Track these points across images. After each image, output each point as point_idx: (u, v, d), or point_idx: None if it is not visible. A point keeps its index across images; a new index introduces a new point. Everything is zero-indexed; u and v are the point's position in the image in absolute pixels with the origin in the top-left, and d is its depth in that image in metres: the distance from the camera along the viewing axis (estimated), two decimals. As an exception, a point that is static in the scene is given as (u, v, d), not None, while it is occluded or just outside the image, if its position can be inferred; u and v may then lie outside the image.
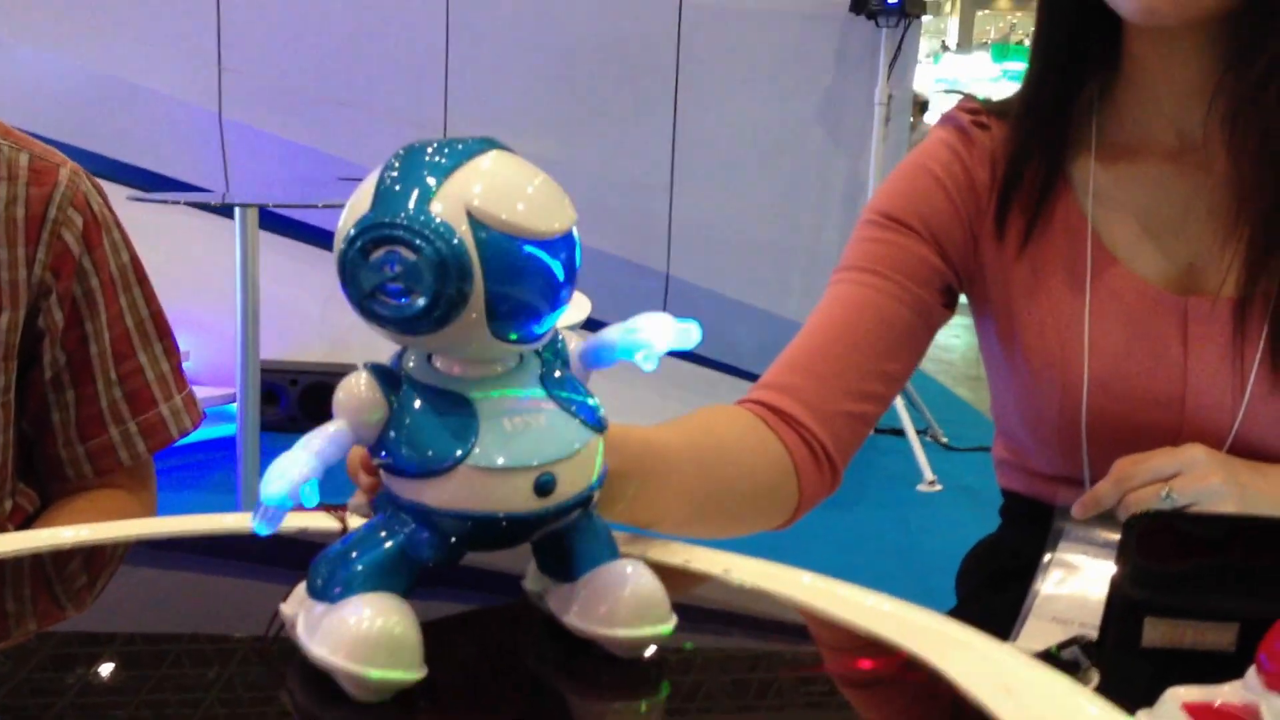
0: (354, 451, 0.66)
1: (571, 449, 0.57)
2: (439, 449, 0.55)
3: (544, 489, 0.56)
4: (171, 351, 1.22)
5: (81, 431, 1.16)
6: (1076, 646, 0.84)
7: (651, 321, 0.61)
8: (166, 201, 3.22)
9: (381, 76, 4.81)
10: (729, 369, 4.98)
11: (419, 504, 0.56)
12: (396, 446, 0.56)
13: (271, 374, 4.48)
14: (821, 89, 4.84)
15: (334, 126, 4.79)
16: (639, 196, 4.84)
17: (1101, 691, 0.59)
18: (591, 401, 0.59)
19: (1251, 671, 0.59)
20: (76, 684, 0.60)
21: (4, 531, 0.98)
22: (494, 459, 0.55)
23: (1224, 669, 0.62)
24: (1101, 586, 0.91)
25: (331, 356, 4.77)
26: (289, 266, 4.63)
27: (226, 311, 3.24)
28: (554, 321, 0.56)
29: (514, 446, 0.55)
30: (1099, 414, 1.03)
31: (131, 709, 0.57)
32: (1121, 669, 0.77)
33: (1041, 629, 0.94)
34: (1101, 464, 0.99)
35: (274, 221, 4.56)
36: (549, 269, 0.53)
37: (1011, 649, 0.65)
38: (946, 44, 19.90)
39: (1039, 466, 1.12)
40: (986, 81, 17.40)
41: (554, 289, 0.54)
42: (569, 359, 0.62)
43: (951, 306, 1.13)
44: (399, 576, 0.56)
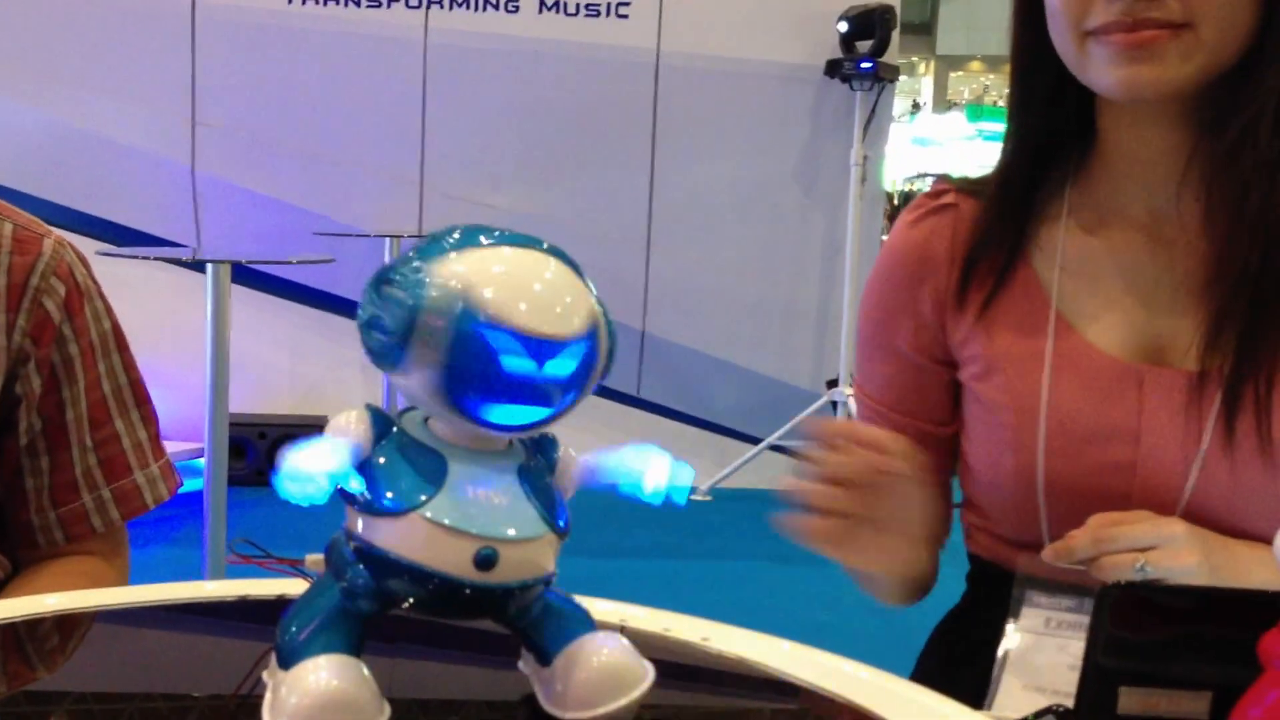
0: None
1: (522, 533, 0.58)
2: (399, 492, 0.57)
3: (484, 563, 0.56)
4: (149, 419, 1.21)
5: (55, 497, 1.15)
6: (1052, 715, 0.83)
7: (648, 462, 0.63)
8: (138, 257, 3.21)
9: (357, 131, 4.83)
10: (705, 424, 4.98)
11: (369, 543, 0.57)
12: (366, 480, 0.57)
13: (240, 427, 4.44)
14: (798, 149, 4.90)
15: (308, 181, 4.80)
16: (616, 253, 4.86)
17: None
18: (560, 507, 0.61)
19: None
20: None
21: None
22: (445, 516, 0.56)
23: (1198, 738, 0.61)
24: (1067, 654, 0.92)
25: (301, 409, 4.75)
26: (259, 319, 4.62)
27: (195, 365, 3.22)
28: (529, 418, 0.56)
29: (467, 511, 0.57)
30: (1054, 478, 1.04)
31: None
32: (1097, 738, 0.77)
33: (1013, 697, 0.94)
34: (1059, 527, 1.00)
35: (246, 275, 4.54)
36: (519, 362, 0.54)
37: (988, 718, 0.64)
38: (919, 103, 20.16)
39: (1001, 530, 1.12)
40: (961, 140, 17.61)
41: (524, 385, 0.55)
42: (556, 467, 0.63)
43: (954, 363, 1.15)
44: (344, 633, 0.57)
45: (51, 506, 1.15)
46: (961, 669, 1.09)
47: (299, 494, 0.55)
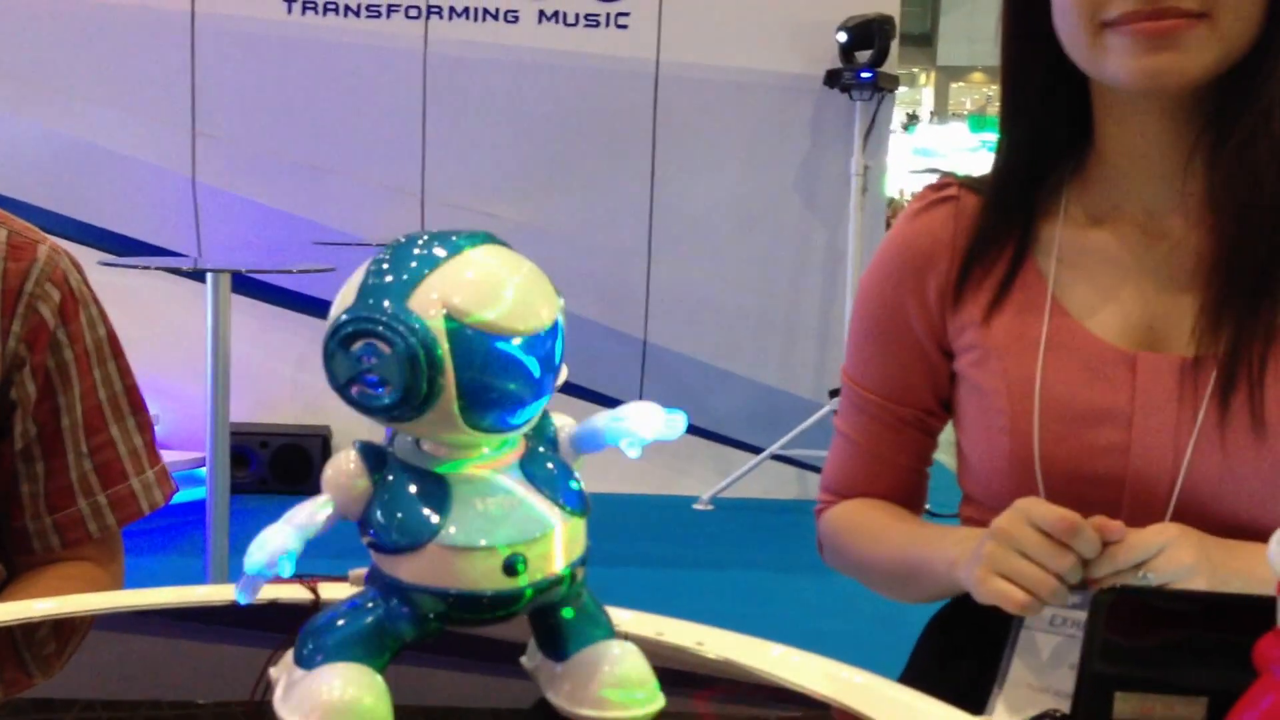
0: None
1: (540, 531, 0.58)
2: (411, 526, 0.57)
3: (512, 569, 0.57)
4: (145, 426, 1.22)
5: (50, 503, 1.15)
6: (1047, 720, 0.84)
7: (638, 411, 0.62)
8: (138, 267, 3.22)
9: (358, 141, 4.84)
10: (707, 434, 4.97)
11: (396, 579, 0.57)
12: (376, 522, 0.58)
13: (242, 436, 4.44)
14: (798, 160, 4.90)
15: (309, 191, 4.81)
16: (617, 263, 4.86)
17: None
18: (574, 484, 0.60)
19: None
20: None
21: None
22: (462, 538, 0.56)
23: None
24: (1072, 653, 0.92)
25: (303, 419, 4.75)
26: (261, 329, 4.62)
27: (197, 375, 3.22)
28: (534, 412, 0.57)
29: (483, 526, 0.57)
30: (1049, 461, 1.05)
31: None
32: (1094, 743, 0.77)
33: (1018, 696, 0.94)
34: None
35: (247, 285, 4.56)
36: (524, 365, 0.55)
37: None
38: (916, 114, 20.17)
39: None
40: (965, 152, 17.62)
41: (529, 384, 0.56)
42: (558, 442, 0.63)
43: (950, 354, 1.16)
44: (375, 649, 0.58)
45: (47, 512, 1.15)
46: (955, 665, 1.11)
47: (259, 580, 0.55)
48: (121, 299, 1.27)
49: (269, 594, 0.75)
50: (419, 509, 0.57)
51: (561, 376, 0.58)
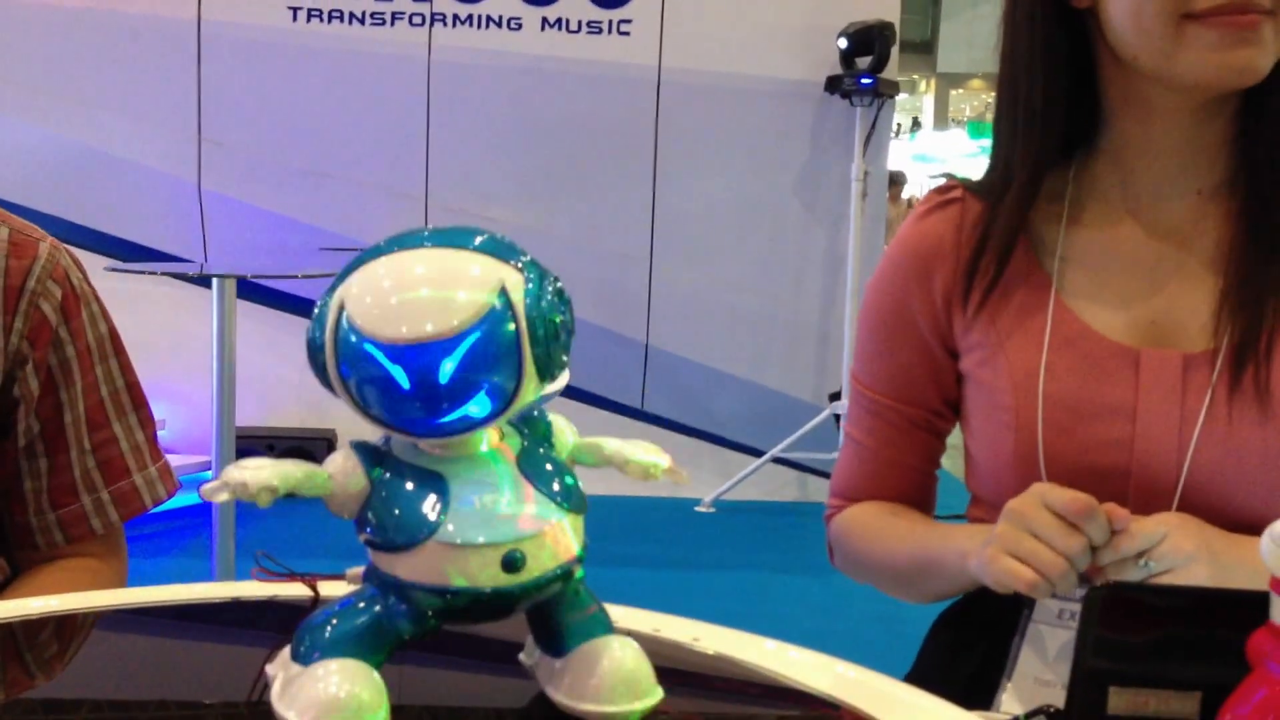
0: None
1: (539, 528, 0.58)
2: (409, 524, 0.57)
3: (511, 566, 0.57)
4: (147, 422, 1.22)
5: (53, 499, 1.16)
6: (1043, 716, 0.85)
7: (644, 455, 0.64)
8: (145, 273, 3.23)
9: (362, 147, 4.85)
10: (708, 436, 4.99)
11: (393, 577, 0.57)
12: (373, 520, 0.58)
13: (247, 439, 4.46)
14: (798, 164, 4.91)
15: (314, 197, 4.83)
16: (619, 267, 4.88)
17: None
18: (570, 481, 0.61)
19: None
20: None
21: None
22: (460, 535, 0.56)
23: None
24: None
25: (308, 422, 4.76)
26: (267, 333, 4.64)
27: (202, 379, 3.23)
28: (458, 417, 0.56)
29: (481, 524, 0.57)
30: (1053, 455, 1.06)
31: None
32: (1088, 738, 0.78)
33: (1026, 690, 0.95)
34: None
35: (252, 290, 4.57)
36: (385, 370, 0.54)
37: (971, 717, 0.65)
38: (919, 120, 20.18)
39: None
40: (964, 158, 17.62)
41: (401, 391, 0.54)
42: (554, 441, 0.63)
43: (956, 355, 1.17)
44: (373, 646, 0.57)
45: (50, 508, 1.16)
46: (963, 661, 1.11)
47: (231, 497, 0.56)
48: (127, 304, 1.28)
49: (269, 591, 0.76)
50: (417, 507, 0.57)
51: (564, 379, 0.58)
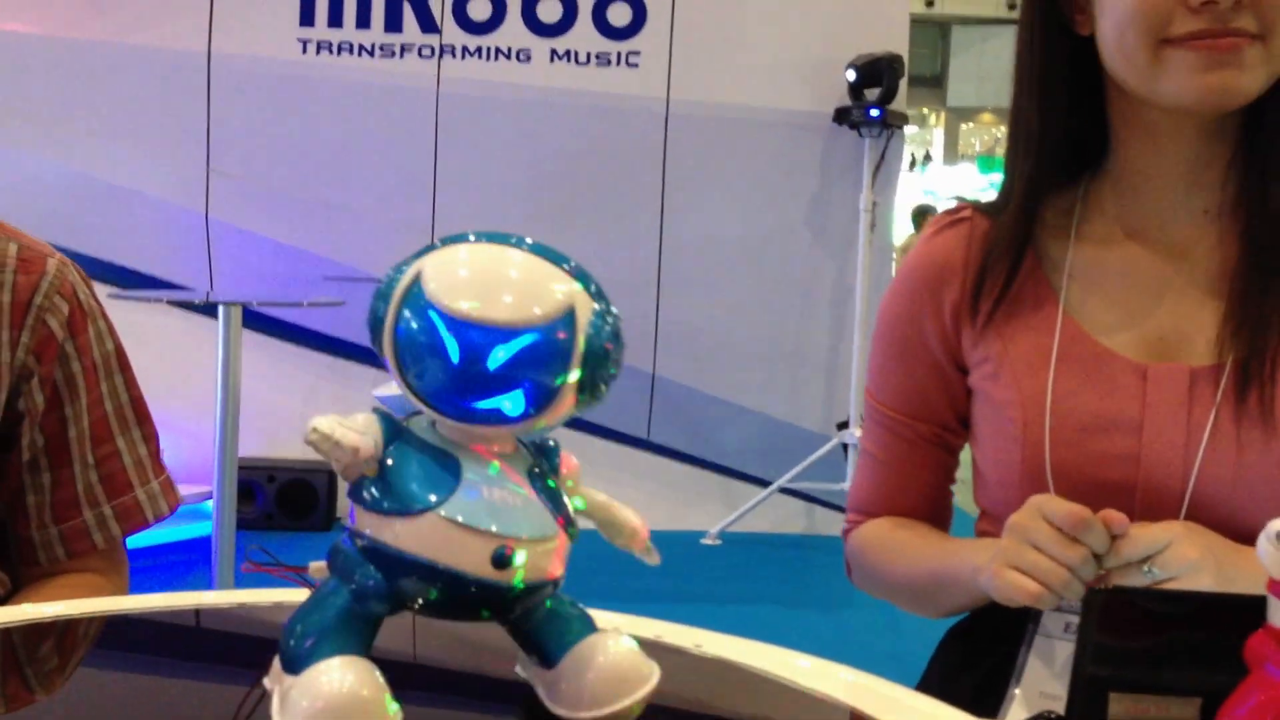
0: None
1: (538, 532, 0.58)
2: (415, 491, 0.57)
3: (501, 561, 0.57)
4: (150, 437, 1.23)
5: (56, 514, 1.16)
6: (1043, 722, 0.84)
7: (633, 529, 0.67)
8: (149, 299, 3.23)
9: (370, 179, 4.87)
10: (715, 467, 4.97)
11: (380, 543, 0.57)
12: (381, 481, 0.58)
13: (248, 470, 4.45)
14: (807, 196, 4.92)
15: (321, 228, 4.84)
16: (626, 297, 4.79)
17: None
18: (568, 508, 0.61)
19: None
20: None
21: None
22: (463, 515, 0.56)
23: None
24: None
25: (310, 453, 4.68)
26: (271, 363, 4.64)
27: (205, 410, 3.23)
28: (494, 410, 0.57)
29: (485, 511, 0.57)
30: (1061, 469, 1.07)
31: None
32: (1088, 744, 0.78)
33: (1033, 701, 0.95)
34: None
35: (257, 320, 4.57)
36: (444, 343, 0.56)
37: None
38: (930, 154, 20.23)
39: None
40: (976, 192, 17.68)
41: (455, 365, 0.56)
42: (559, 472, 0.63)
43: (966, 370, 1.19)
44: (354, 635, 0.57)
45: (53, 522, 1.16)
46: (968, 676, 1.12)
47: (330, 453, 0.56)
48: (131, 334, 1.28)
49: (270, 598, 0.77)
50: (427, 477, 0.57)
51: (563, 410, 0.59)
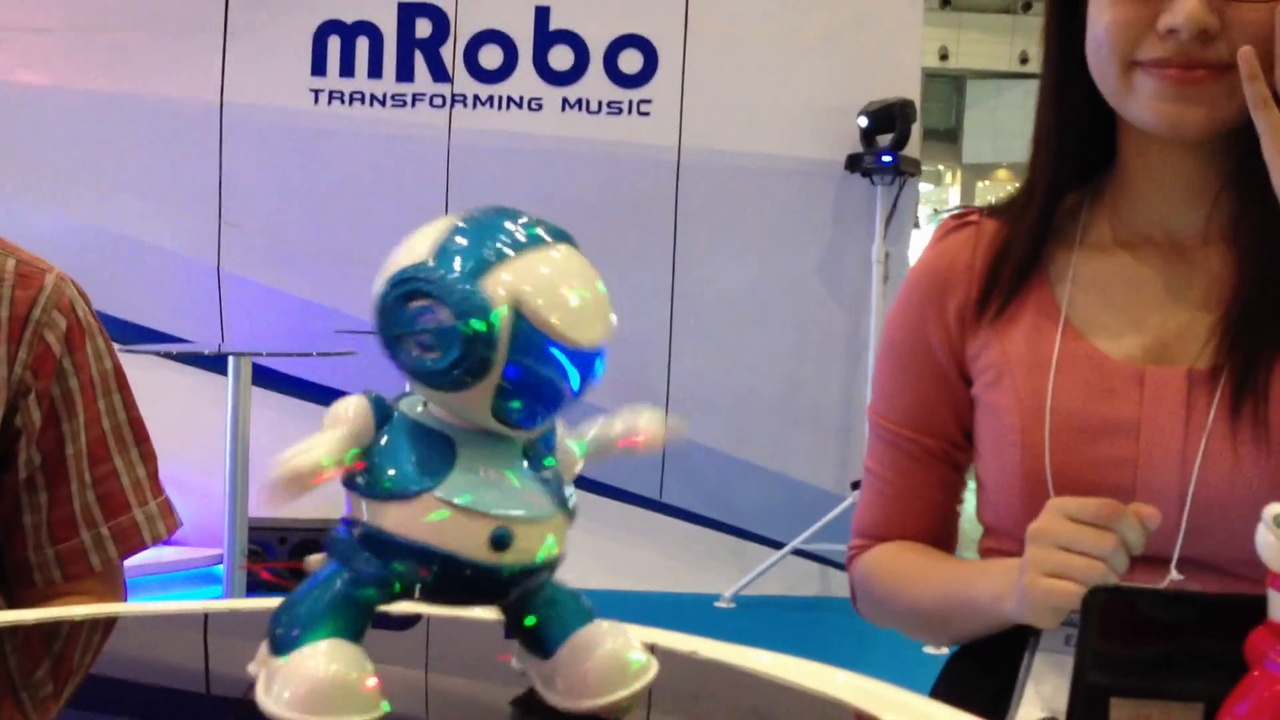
0: None
1: (535, 514, 0.58)
2: (410, 474, 0.57)
3: (500, 543, 0.56)
4: (149, 457, 1.23)
5: (52, 534, 1.16)
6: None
7: (640, 419, 0.64)
8: (158, 353, 3.21)
9: (382, 229, 4.80)
10: (728, 528, 4.90)
11: (376, 529, 0.56)
12: (374, 464, 0.57)
13: (260, 531, 4.40)
14: (819, 246, 4.89)
15: (334, 280, 4.82)
16: (638, 352, 4.83)
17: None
18: (567, 490, 0.61)
19: None
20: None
21: None
22: (460, 496, 0.56)
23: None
24: None
25: (323, 512, 4.65)
26: (281, 420, 4.59)
27: (216, 470, 3.20)
28: (552, 418, 0.58)
29: (482, 491, 0.57)
30: (1060, 474, 1.07)
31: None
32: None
33: (1030, 716, 0.95)
34: None
35: (267, 376, 4.55)
36: (567, 375, 0.56)
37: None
38: (940, 211, 20.33)
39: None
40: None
41: (565, 393, 0.56)
42: (555, 451, 0.62)
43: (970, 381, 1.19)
44: (348, 621, 0.57)
45: (49, 543, 1.16)
46: (975, 696, 1.10)
47: (296, 496, 0.54)
48: (140, 391, 1.27)
49: (263, 605, 0.75)
50: (423, 459, 0.57)
51: (578, 465, 0.60)
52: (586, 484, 0.61)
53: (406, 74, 4.86)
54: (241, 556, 3.02)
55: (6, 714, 0.70)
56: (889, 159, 4.62)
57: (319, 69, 4.85)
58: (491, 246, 0.55)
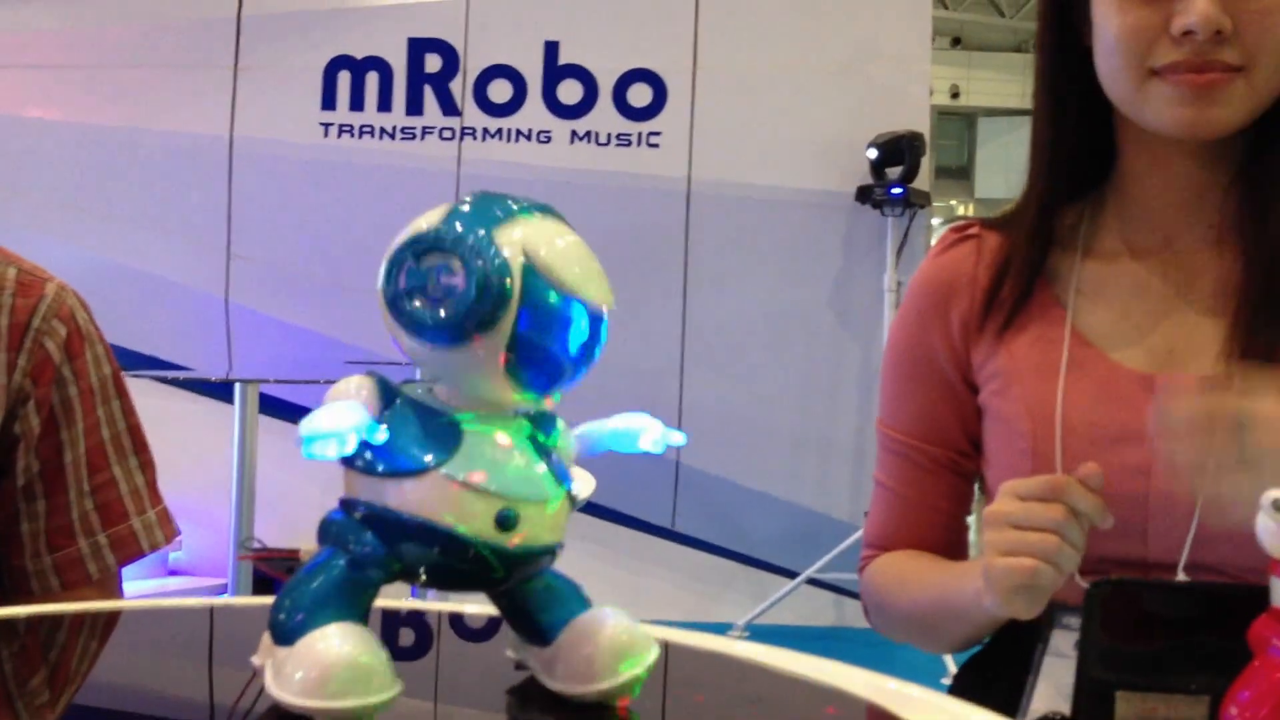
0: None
1: (540, 495, 0.57)
2: (417, 452, 0.56)
3: (505, 523, 0.56)
4: (147, 465, 1.23)
5: (50, 542, 1.16)
6: (1049, 724, 0.84)
7: (640, 424, 0.64)
8: (166, 379, 3.22)
9: (391, 263, 4.86)
10: (741, 558, 4.87)
11: (381, 507, 0.56)
12: (376, 444, 0.57)
13: (266, 563, 4.38)
14: (830, 276, 4.89)
15: (342, 312, 4.83)
16: (649, 383, 4.82)
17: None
18: (570, 474, 0.61)
19: None
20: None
21: None
22: (466, 474, 0.56)
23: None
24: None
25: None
26: (288, 451, 4.54)
27: (222, 500, 3.19)
28: (560, 388, 0.58)
29: (488, 471, 0.56)
30: None
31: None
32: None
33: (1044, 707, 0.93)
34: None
35: (274, 406, 4.53)
36: (577, 329, 0.57)
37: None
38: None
39: None
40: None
41: (574, 352, 0.57)
42: (557, 439, 0.62)
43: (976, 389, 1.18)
44: (353, 602, 0.56)
45: (47, 551, 1.16)
46: (985, 704, 1.08)
47: (323, 453, 0.54)
48: (147, 421, 1.27)
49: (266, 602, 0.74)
50: (429, 438, 0.56)
51: (590, 487, 0.60)
52: (600, 511, 0.60)
53: (416, 107, 4.89)
54: (246, 586, 3.01)
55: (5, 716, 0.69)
56: (899, 191, 4.63)
57: (329, 103, 4.88)
58: (497, 212, 0.57)
